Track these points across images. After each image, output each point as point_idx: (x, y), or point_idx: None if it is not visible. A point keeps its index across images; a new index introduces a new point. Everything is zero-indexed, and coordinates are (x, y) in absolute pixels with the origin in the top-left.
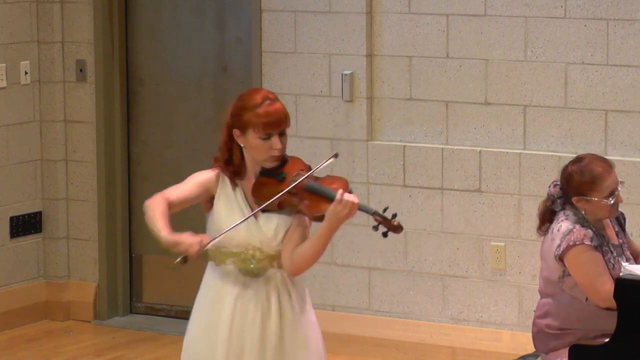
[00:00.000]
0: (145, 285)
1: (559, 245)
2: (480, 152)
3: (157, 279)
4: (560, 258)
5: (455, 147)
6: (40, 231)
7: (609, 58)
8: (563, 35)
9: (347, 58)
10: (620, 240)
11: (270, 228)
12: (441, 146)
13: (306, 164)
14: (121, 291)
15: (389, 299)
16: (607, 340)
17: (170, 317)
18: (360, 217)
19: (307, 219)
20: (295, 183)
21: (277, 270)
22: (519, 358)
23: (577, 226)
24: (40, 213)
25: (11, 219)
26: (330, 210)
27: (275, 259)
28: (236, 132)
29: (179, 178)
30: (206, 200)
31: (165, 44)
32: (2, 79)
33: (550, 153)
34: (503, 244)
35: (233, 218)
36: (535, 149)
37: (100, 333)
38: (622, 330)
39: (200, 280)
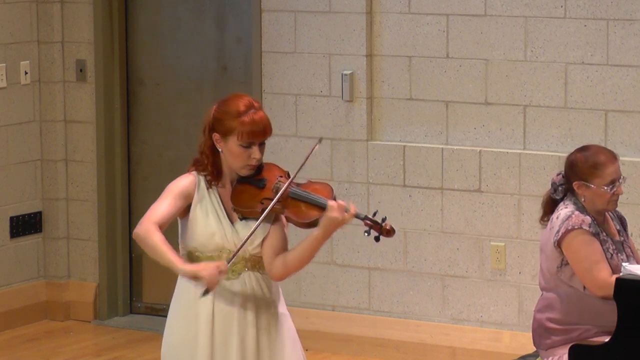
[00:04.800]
0: (145, 285)
1: (558, 231)
2: (480, 152)
3: (157, 279)
4: (559, 244)
5: (455, 147)
6: (40, 231)
7: (609, 58)
8: (563, 35)
9: (347, 58)
10: (622, 238)
11: (248, 233)
12: (441, 146)
13: (284, 170)
14: (121, 291)
15: (389, 299)
16: (607, 339)
17: None
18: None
19: (284, 221)
20: (281, 192)
21: (250, 272)
22: (519, 358)
23: (576, 212)
24: (40, 213)
25: (11, 219)
26: (327, 217)
27: (249, 261)
28: (216, 136)
29: None
30: (185, 208)
31: (165, 44)
32: (2, 79)
33: (550, 153)
34: (503, 244)
35: (208, 222)
36: (535, 149)
37: (100, 333)
38: (621, 330)
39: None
